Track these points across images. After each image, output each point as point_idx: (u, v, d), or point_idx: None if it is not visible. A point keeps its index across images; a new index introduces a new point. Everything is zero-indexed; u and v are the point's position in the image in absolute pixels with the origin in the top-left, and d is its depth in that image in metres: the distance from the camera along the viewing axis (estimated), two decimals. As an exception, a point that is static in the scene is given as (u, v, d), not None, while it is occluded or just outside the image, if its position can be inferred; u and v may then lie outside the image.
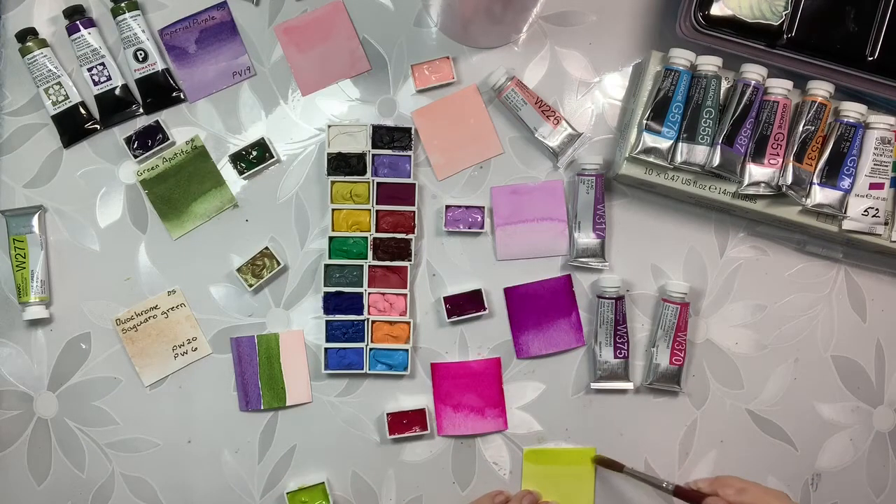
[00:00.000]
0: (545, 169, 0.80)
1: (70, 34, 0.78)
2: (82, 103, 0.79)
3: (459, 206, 0.79)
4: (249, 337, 0.79)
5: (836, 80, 0.73)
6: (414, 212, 0.79)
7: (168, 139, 0.79)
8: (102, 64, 0.79)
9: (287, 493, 0.77)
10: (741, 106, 0.72)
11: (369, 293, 0.78)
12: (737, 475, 0.79)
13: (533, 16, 0.77)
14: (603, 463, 0.77)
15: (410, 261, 0.79)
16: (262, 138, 0.79)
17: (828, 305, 0.80)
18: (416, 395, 0.79)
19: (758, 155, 0.73)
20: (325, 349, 0.78)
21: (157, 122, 0.79)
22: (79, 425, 0.79)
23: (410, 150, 0.79)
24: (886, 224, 0.75)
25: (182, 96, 0.80)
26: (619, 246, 0.80)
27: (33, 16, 0.80)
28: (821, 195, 0.73)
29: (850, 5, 0.73)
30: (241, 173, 0.79)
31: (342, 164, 0.79)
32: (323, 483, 0.77)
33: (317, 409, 0.79)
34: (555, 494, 0.78)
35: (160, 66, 0.79)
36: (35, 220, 0.78)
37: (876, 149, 0.73)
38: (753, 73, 0.72)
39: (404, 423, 0.78)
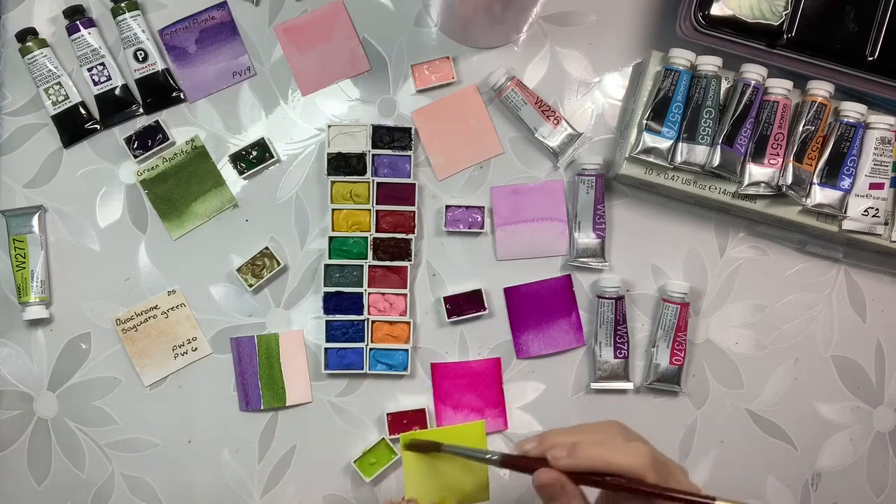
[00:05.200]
0: (545, 169, 0.80)
1: (70, 34, 0.78)
2: (82, 103, 0.79)
3: (459, 206, 0.79)
4: (249, 337, 0.79)
5: (836, 80, 0.73)
6: (414, 212, 0.79)
7: (168, 139, 0.79)
8: (102, 64, 0.79)
9: (354, 462, 0.77)
10: (741, 106, 0.72)
11: (369, 293, 0.78)
12: (737, 475, 0.79)
13: (533, 16, 0.77)
14: (417, 448, 0.67)
15: (410, 261, 0.79)
16: (262, 138, 0.79)
17: (828, 305, 0.80)
18: (416, 395, 0.79)
19: (758, 155, 0.73)
20: (325, 349, 0.78)
21: (157, 122, 0.79)
22: (79, 425, 0.79)
23: (410, 150, 0.79)
24: (886, 224, 0.75)
25: (182, 96, 0.80)
26: (619, 246, 0.80)
27: (33, 16, 0.80)
28: (821, 195, 0.73)
29: (850, 5, 0.73)
30: (241, 173, 0.79)
31: (342, 164, 0.79)
32: (383, 438, 0.77)
33: (317, 409, 0.79)
34: (444, 484, 0.70)
35: (160, 66, 0.79)
36: (35, 220, 0.78)
37: (876, 149, 0.73)
38: (753, 73, 0.72)
39: (404, 423, 0.78)
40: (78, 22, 0.78)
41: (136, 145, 0.79)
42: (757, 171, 0.73)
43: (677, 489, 0.51)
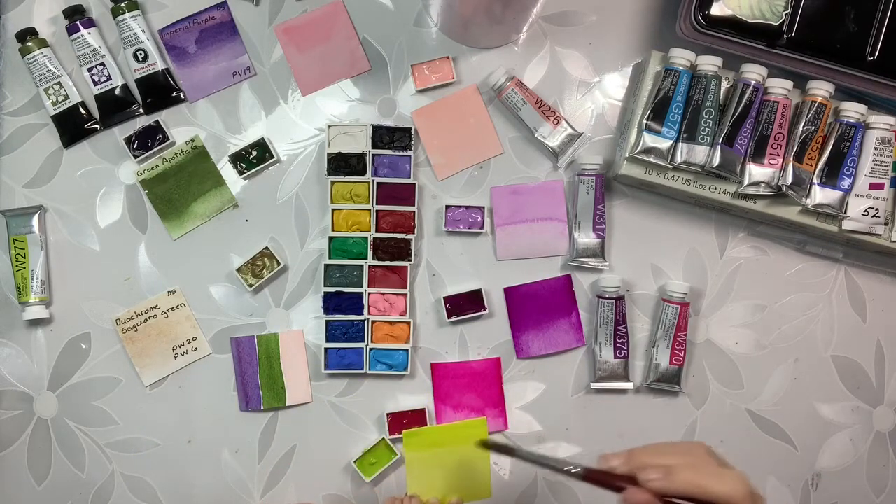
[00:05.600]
0: (545, 169, 0.80)
1: (70, 34, 0.78)
2: (82, 103, 0.79)
3: (459, 206, 0.79)
4: (249, 337, 0.79)
5: (836, 80, 0.73)
6: (414, 212, 0.79)
7: (168, 139, 0.79)
8: (102, 64, 0.79)
9: (354, 462, 0.77)
10: (741, 106, 0.72)
11: (369, 293, 0.78)
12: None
13: (533, 16, 0.77)
14: (491, 447, 0.65)
15: (410, 261, 0.79)
16: (262, 138, 0.79)
17: (828, 305, 0.80)
18: (416, 395, 0.79)
19: (758, 155, 0.73)
20: (325, 349, 0.78)
21: (157, 122, 0.79)
22: (79, 425, 0.79)
23: (410, 150, 0.79)
24: (886, 224, 0.75)
25: (182, 96, 0.80)
26: (619, 246, 0.80)
27: (33, 16, 0.80)
28: (821, 195, 0.73)
29: (850, 5, 0.73)
30: (241, 173, 0.79)
31: (342, 164, 0.79)
32: (383, 438, 0.77)
33: (317, 409, 0.79)
34: (446, 480, 0.70)
35: (160, 66, 0.79)
36: (35, 220, 0.78)
37: (876, 149, 0.73)
38: (753, 73, 0.72)
39: (404, 423, 0.78)
40: (78, 22, 0.78)
41: (136, 145, 0.79)
42: (757, 171, 0.73)
43: None
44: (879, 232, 0.74)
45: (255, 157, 0.79)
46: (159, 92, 0.79)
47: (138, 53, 0.78)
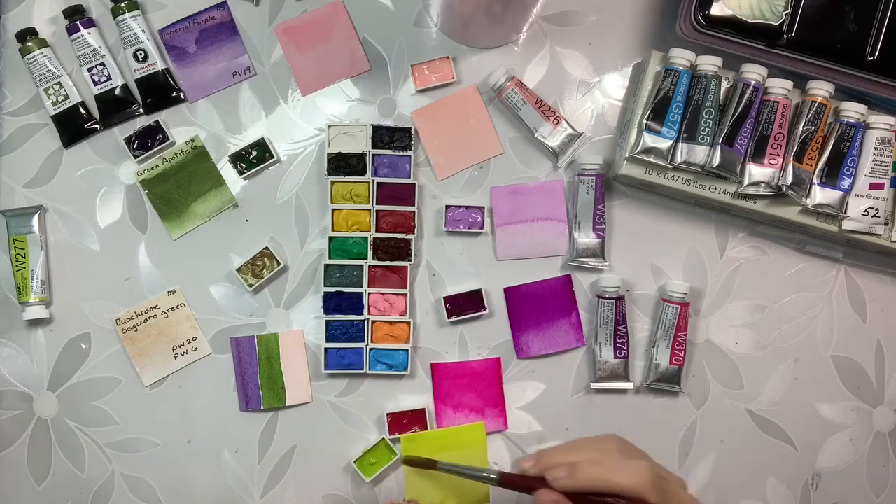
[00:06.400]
0: (545, 169, 0.80)
1: (70, 34, 0.78)
2: (82, 103, 0.79)
3: (459, 206, 0.79)
4: (249, 337, 0.79)
5: (836, 80, 0.73)
6: (414, 212, 0.79)
7: (168, 139, 0.79)
8: (102, 64, 0.79)
9: (354, 462, 0.77)
10: (741, 106, 0.72)
11: (369, 293, 0.78)
12: (737, 475, 0.79)
13: (533, 16, 0.77)
14: (413, 463, 0.69)
15: (410, 261, 0.79)
16: (262, 138, 0.79)
17: (828, 305, 0.80)
18: (416, 395, 0.79)
19: (758, 155, 0.73)
20: (325, 349, 0.78)
21: (157, 122, 0.79)
22: (79, 425, 0.79)
23: (410, 150, 0.79)
24: (886, 224, 0.75)
25: (182, 96, 0.80)
26: (619, 246, 0.80)
27: (33, 16, 0.80)
28: (821, 195, 0.73)
29: (850, 5, 0.73)
30: (241, 173, 0.79)
31: (342, 164, 0.79)
32: (383, 438, 0.77)
33: (317, 409, 0.79)
34: (444, 486, 0.71)
35: (160, 66, 0.79)
36: (35, 220, 0.78)
37: (876, 149, 0.73)
38: (753, 73, 0.72)
39: (404, 423, 0.78)
40: (78, 22, 0.78)
41: (136, 145, 0.79)
42: (757, 171, 0.73)
43: None
44: (879, 232, 0.74)
45: (255, 157, 0.79)
46: (159, 92, 0.80)
47: (138, 53, 0.78)
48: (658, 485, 0.51)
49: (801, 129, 0.73)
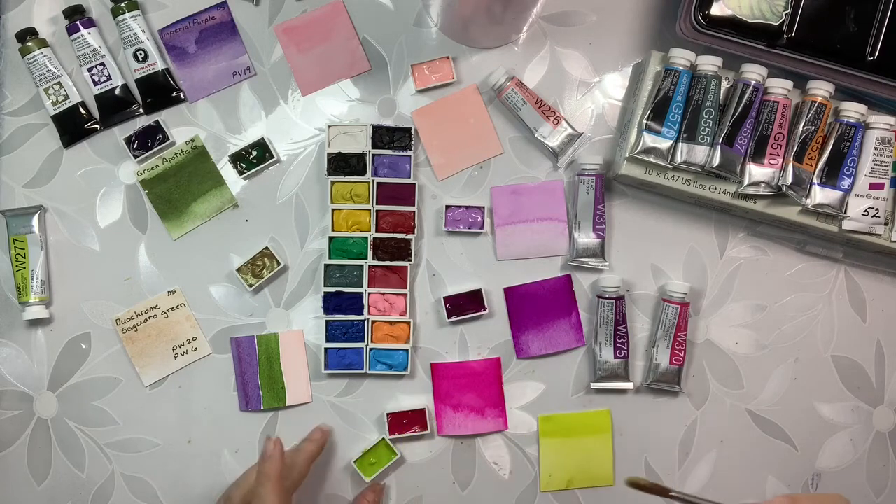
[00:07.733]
0: (545, 169, 0.80)
1: (70, 34, 0.78)
2: (82, 103, 0.79)
3: (459, 206, 0.79)
4: (249, 337, 0.79)
5: (836, 80, 0.73)
6: (414, 212, 0.79)
7: (168, 139, 0.79)
8: (102, 64, 0.79)
9: (354, 462, 0.77)
10: (741, 106, 0.72)
11: (369, 293, 0.78)
12: (737, 475, 0.79)
13: (533, 16, 0.77)
14: (641, 487, 0.65)
15: (410, 261, 0.79)
16: (262, 138, 0.79)
17: (828, 305, 0.80)
18: (416, 395, 0.79)
19: (758, 155, 0.73)
20: (325, 349, 0.78)
21: (157, 122, 0.79)
22: (79, 425, 0.79)
23: (410, 150, 0.79)
24: (886, 224, 0.75)
25: (182, 96, 0.80)
26: (619, 246, 0.80)
27: (33, 16, 0.80)
28: (821, 195, 0.73)
29: (850, 5, 0.73)
30: (241, 173, 0.79)
31: (342, 164, 0.79)
32: (383, 438, 0.77)
33: (317, 409, 0.79)
34: (574, 461, 0.77)
35: (160, 66, 0.79)
36: (35, 220, 0.78)
37: (876, 149, 0.73)
38: (753, 73, 0.72)
39: (404, 423, 0.78)
40: (78, 22, 0.78)
41: (136, 145, 0.79)
42: (757, 171, 0.73)
43: None
44: (879, 232, 0.74)
45: (255, 157, 0.79)
46: (159, 92, 0.80)
47: (138, 53, 0.78)
48: None
49: (801, 129, 0.73)
